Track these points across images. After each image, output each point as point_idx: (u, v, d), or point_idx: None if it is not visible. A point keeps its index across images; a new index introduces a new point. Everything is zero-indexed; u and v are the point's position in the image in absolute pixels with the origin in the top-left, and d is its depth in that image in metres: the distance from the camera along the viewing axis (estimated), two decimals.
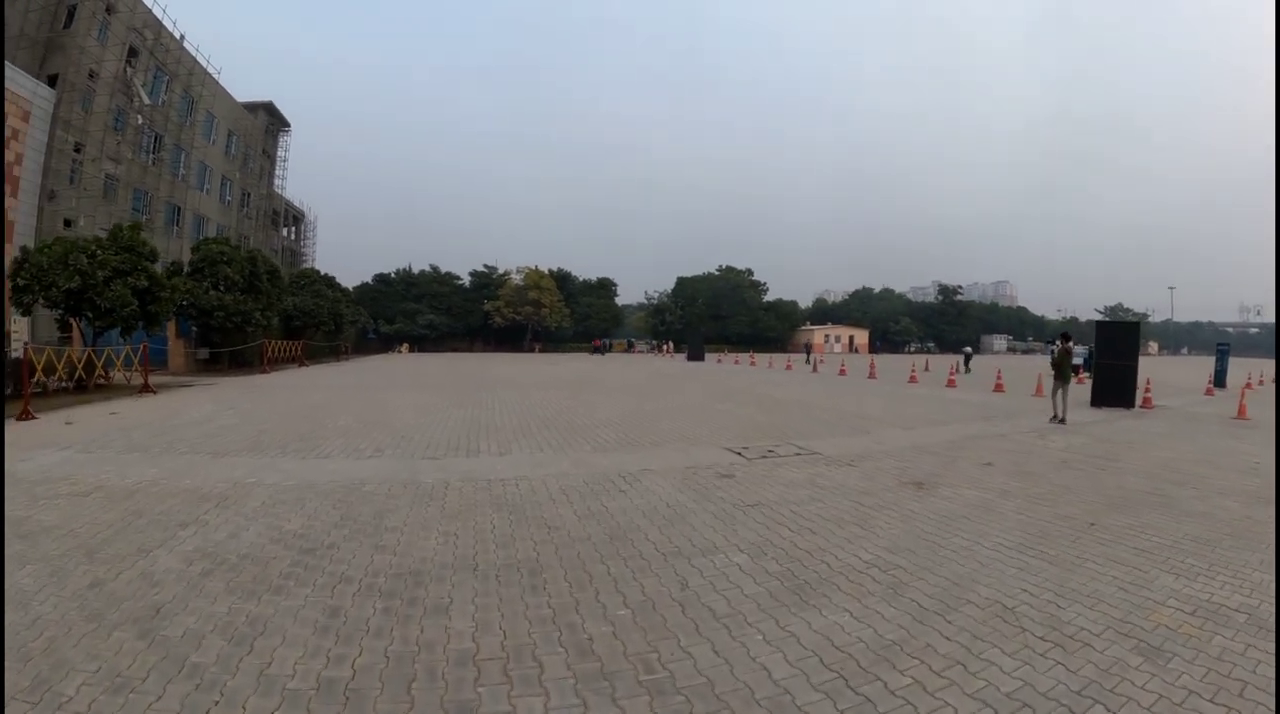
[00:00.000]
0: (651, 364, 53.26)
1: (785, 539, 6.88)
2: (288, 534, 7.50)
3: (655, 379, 33.26)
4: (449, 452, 12.36)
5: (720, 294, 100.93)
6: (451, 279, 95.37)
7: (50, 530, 7.52)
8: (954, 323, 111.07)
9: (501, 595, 5.55)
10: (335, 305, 48.51)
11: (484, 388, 27.23)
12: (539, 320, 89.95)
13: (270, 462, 11.39)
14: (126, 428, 14.67)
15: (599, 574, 5.96)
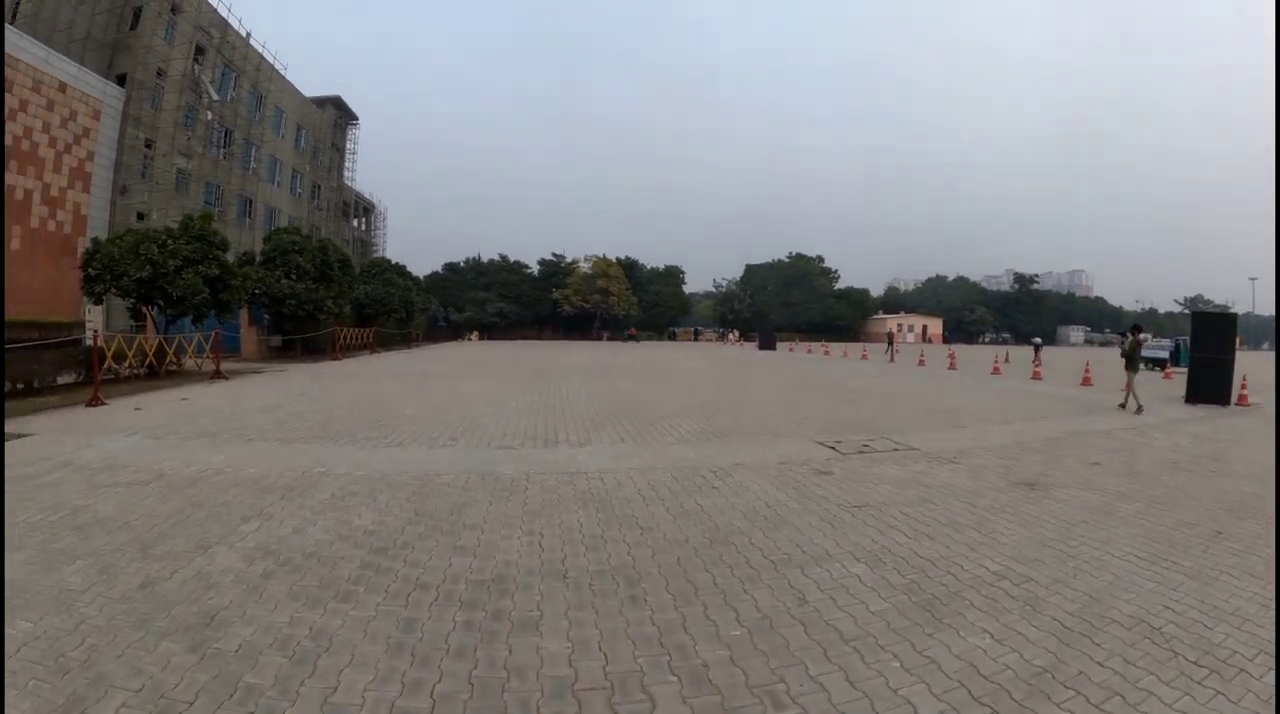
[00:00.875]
0: (720, 352, 52.21)
1: (902, 546, 6.28)
2: (357, 531, 6.93)
3: (728, 368, 32.36)
4: (525, 441, 11.81)
5: (790, 282, 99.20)
6: (520, 268, 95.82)
7: (105, 522, 7.10)
8: (1030, 313, 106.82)
9: (598, 609, 4.94)
10: (406, 293, 48.84)
11: (554, 375, 26.73)
12: (607, 308, 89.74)
13: (340, 450, 10.94)
14: (195, 414, 14.50)
15: (704, 585, 5.34)
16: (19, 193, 30.65)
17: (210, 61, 44.71)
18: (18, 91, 30.23)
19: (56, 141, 32.92)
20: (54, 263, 32.11)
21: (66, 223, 33.60)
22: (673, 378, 25.68)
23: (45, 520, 7.12)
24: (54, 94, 32.48)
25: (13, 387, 15.87)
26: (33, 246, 31.50)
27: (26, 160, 31.15)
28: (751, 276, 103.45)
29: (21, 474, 8.99)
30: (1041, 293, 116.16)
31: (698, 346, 67.39)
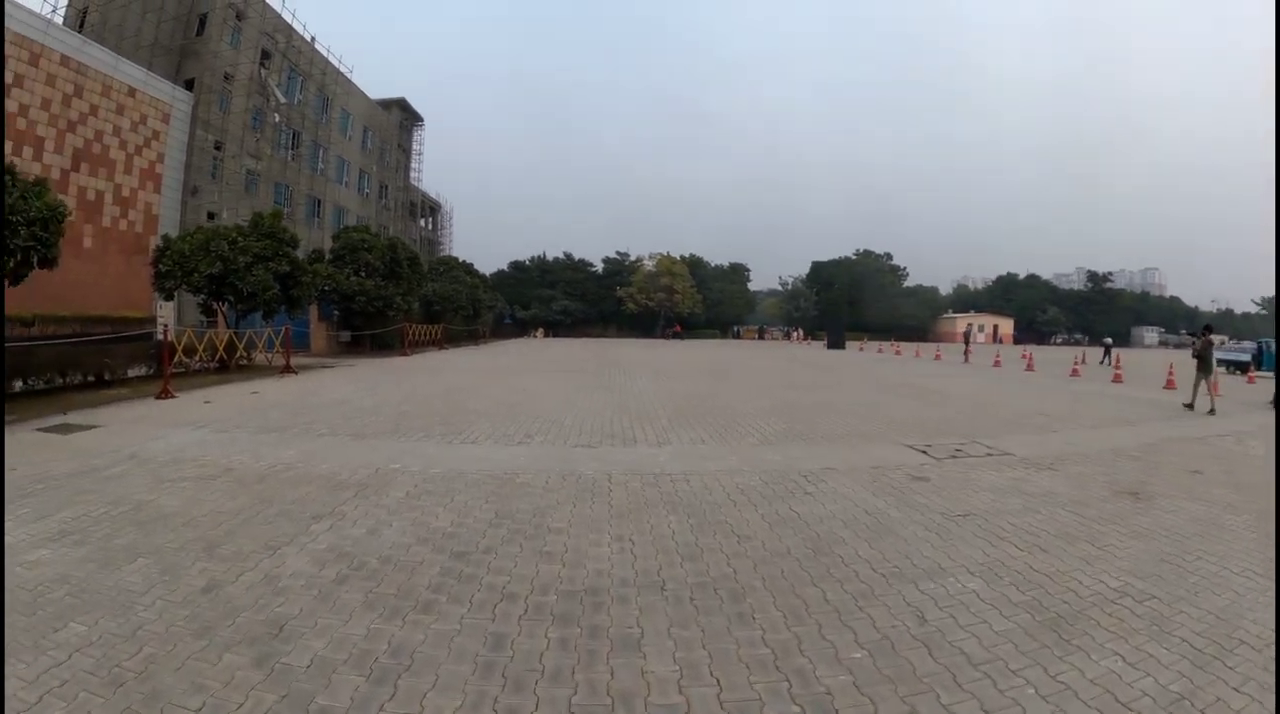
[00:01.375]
0: (787, 351, 51.06)
1: (1016, 559, 5.85)
2: (436, 533, 6.46)
3: (799, 367, 31.41)
4: (603, 439, 11.35)
5: (858, 280, 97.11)
6: (585, 266, 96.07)
7: (170, 518, 6.75)
8: (1103, 312, 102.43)
9: (703, 626, 4.50)
10: (473, 291, 49.14)
11: (624, 372, 26.27)
12: (671, 306, 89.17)
13: (413, 446, 10.56)
14: (264, 408, 14.36)
15: (814, 601, 4.92)
16: (90, 194, 31.64)
17: (276, 65, 45.59)
18: (87, 96, 31.19)
19: (127, 144, 33.87)
20: (125, 260, 32.90)
21: (138, 222, 34.46)
22: (744, 377, 24.97)
23: (108, 515, 6.81)
24: (123, 99, 33.44)
25: (84, 379, 16.06)
26: (104, 245, 32.36)
27: (98, 163, 32.08)
28: (818, 274, 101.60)
29: (87, 467, 8.77)
30: (1115, 292, 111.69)
31: (763, 345, 66.27)
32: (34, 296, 24.38)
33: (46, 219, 13.29)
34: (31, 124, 28.45)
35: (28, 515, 6.71)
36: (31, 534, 6.19)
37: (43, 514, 6.76)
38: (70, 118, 30.28)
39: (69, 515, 6.73)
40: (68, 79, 30.12)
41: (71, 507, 7.02)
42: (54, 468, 8.64)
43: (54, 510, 6.89)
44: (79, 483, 7.96)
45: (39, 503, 7.13)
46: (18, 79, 27.63)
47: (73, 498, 7.33)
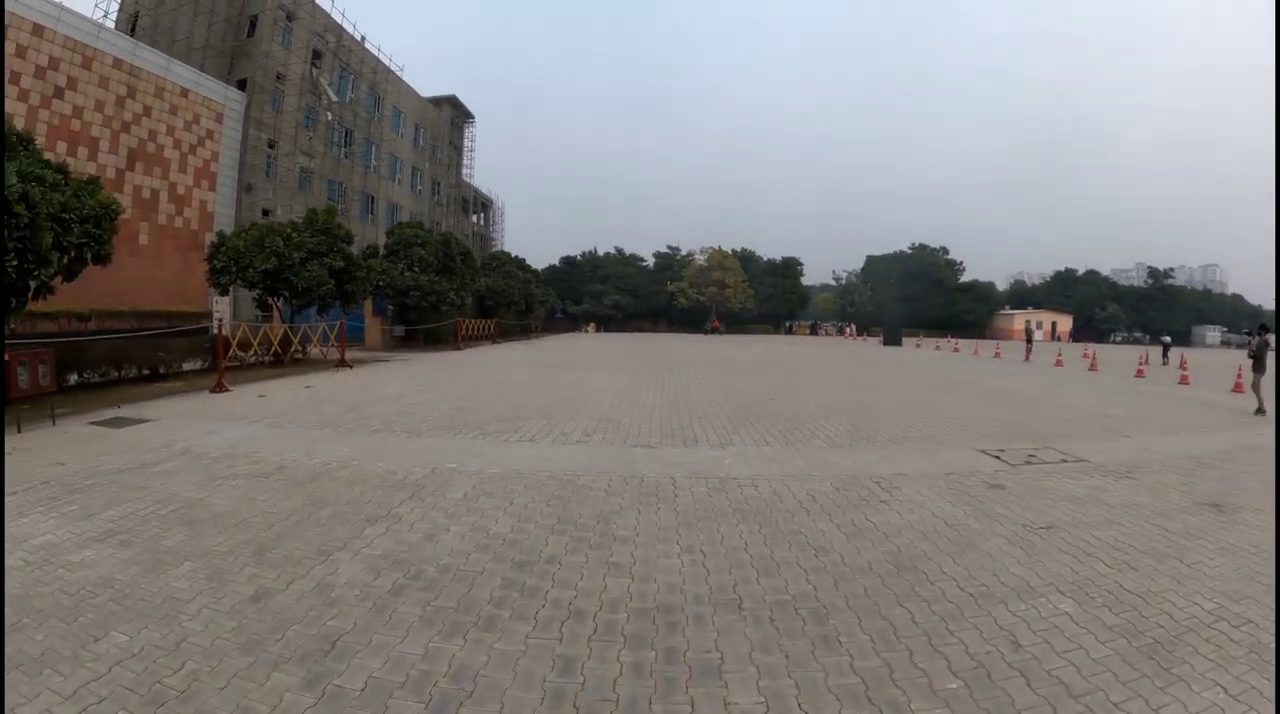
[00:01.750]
0: (842, 348, 49.82)
1: (1105, 577, 5.47)
2: (496, 539, 6.11)
3: (857, 365, 30.45)
4: (663, 439, 10.92)
5: (913, 275, 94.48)
6: (635, 261, 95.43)
7: (220, 518, 6.48)
8: (1164, 310, 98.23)
9: (787, 651, 4.16)
10: (526, 286, 49.13)
11: (678, 369, 25.73)
12: (723, 301, 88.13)
13: (470, 444, 10.25)
14: (319, 402, 14.23)
15: (902, 623, 4.56)
16: (146, 192, 32.26)
17: (328, 64, 46.08)
18: (140, 98, 31.76)
19: (181, 143, 34.44)
20: (181, 257, 33.49)
21: (193, 219, 35.03)
22: (802, 375, 24.24)
23: (156, 514, 6.57)
24: (176, 99, 34.00)
25: (138, 372, 16.13)
26: (160, 242, 32.95)
27: (153, 162, 32.67)
28: (872, 269, 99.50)
29: (137, 462, 8.61)
30: (1176, 289, 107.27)
31: (817, 342, 65.04)
32: (91, 292, 24.87)
33: (99, 216, 13.29)
34: (86, 125, 29.04)
35: (75, 513, 6.51)
36: (77, 533, 5.97)
37: (90, 512, 6.56)
38: (124, 118, 30.86)
39: (116, 514, 6.51)
40: (121, 81, 30.67)
41: (120, 504, 6.81)
42: (104, 463, 8.49)
43: (102, 508, 6.68)
44: (129, 479, 7.78)
45: (87, 500, 6.94)
46: (71, 82, 28.18)
47: (121, 495, 7.13)
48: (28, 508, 6.63)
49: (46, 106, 27.03)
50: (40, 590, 4.83)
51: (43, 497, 7.00)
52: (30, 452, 9.00)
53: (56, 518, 6.34)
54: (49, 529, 6.05)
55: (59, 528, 6.07)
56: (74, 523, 6.22)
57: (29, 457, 8.73)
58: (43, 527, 6.11)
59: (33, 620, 4.37)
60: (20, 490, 7.20)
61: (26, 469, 8.09)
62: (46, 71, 27.02)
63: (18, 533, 5.92)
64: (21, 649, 4.02)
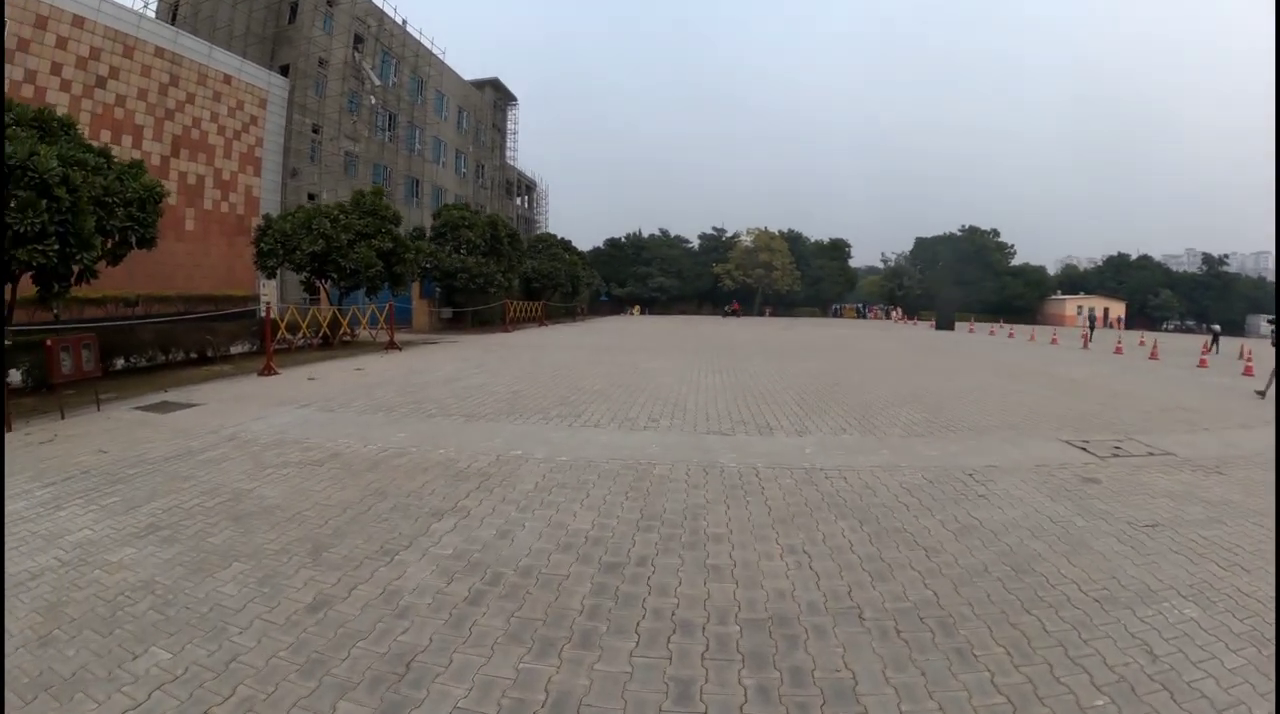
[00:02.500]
0: (894, 332, 47.91)
1: (1222, 580, 5.04)
2: (577, 537, 5.52)
3: (913, 350, 28.93)
4: (735, 426, 10.27)
5: (963, 257, 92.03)
6: (680, 242, 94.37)
7: (272, 512, 5.93)
8: (1219, 298, 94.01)
9: (922, 668, 3.71)
10: (572, 268, 48.56)
11: (733, 351, 24.96)
12: (769, 283, 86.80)
13: (533, 430, 9.67)
14: (371, 385, 13.73)
15: (1033, 632, 4.14)
16: (191, 178, 32.57)
17: (370, 49, 46.11)
18: (183, 85, 32.01)
19: (225, 129, 34.71)
20: (228, 241, 33.89)
21: (239, 204, 35.27)
22: (860, 359, 23.29)
23: (202, 506, 6.05)
24: (219, 86, 34.24)
25: (186, 356, 15.89)
26: (206, 227, 33.22)
27: (197, 148, 32.94)
28: (921, 251, 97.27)
29: (182, 449, 8.13)
30: (1231, 276, 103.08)
31: (866, 325, 63.39)
32: (138, 278, 25.14)
33: (144, 199, 12.99)
34: (129, 114, 29.32)
35: (116, 505, 6.01)
36: (117, 528, 5.47)
37: (132, 504, 6.05)
38: (167, 106, 31.12)
39: (160, 506, 6.00)
40: (163, 69, 30.86)
41: (164, 496, 6.31)
42: (149, 450, 8.03)
43: (144, 500, 6.18)
44: (174, 467, 7.29)
45: (129, 491, 6.45)
46: (113, 71, 28.40)
47: (166, 485, 6.63)
48: (66, 500, 6.16)
49: (89, 96, 27.32)
50: (75, 596, 4.33)
51: (83, 487, 6.53)
52: (73, 439, 8.59)
53: (96, 511, 5.85)
54: (87, 524, 5.56)
55: (98, 522, 5.58)
56: (114, 517, 5.72)
57: (71, 444, 8.31)
58: (81, 521, 5.62)
59: (66, 633, 3.87)
60: (59, 481, 6.74)
61: (68, 457, 7.67)
62: (88, 62, 27.24)
63: (54, 528, 5.45)
64: (52, 668, 3.52)
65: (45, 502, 6.08)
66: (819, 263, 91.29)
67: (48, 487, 6.52)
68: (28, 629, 3.90)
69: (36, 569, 4.68)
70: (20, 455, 7.74)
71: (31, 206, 9.53)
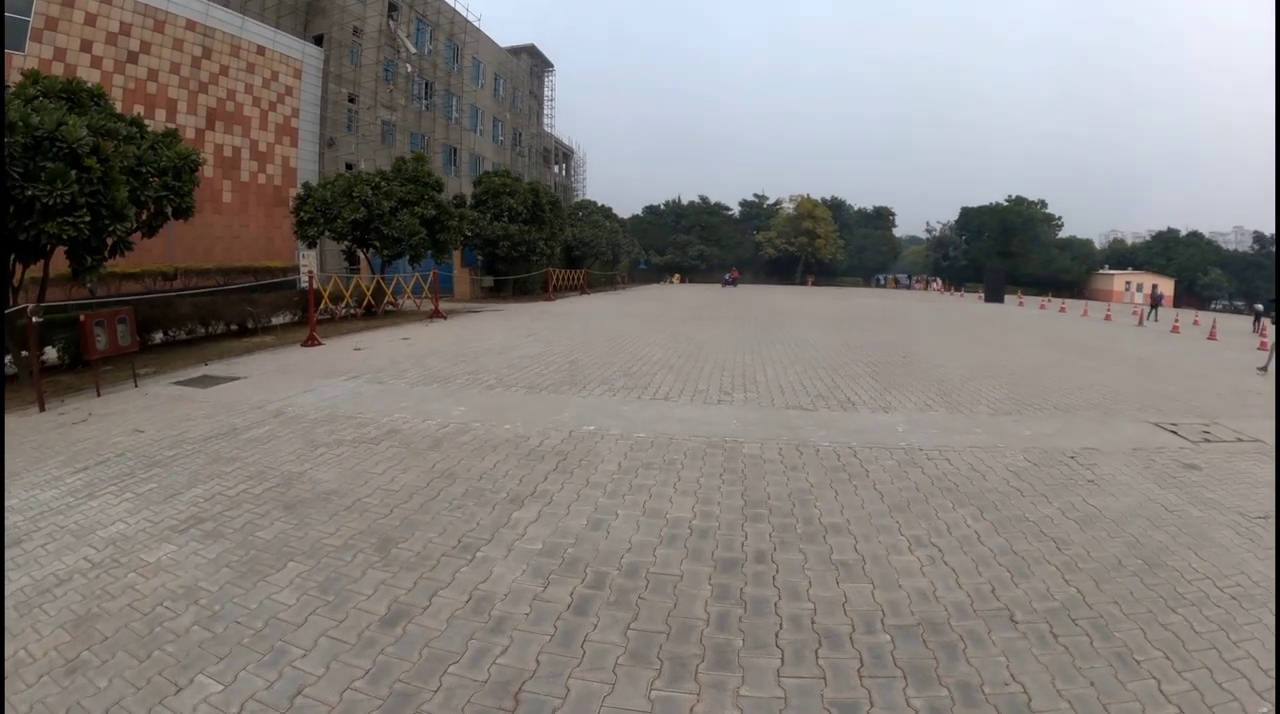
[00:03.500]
0: (942, 303, 45.85)
1: None
2: (680, 528, 4.83)
3: (969, 323, 27.08)
4: (814, 400, 9.57)
5: (1010, 228, 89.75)
6: (720, 209, 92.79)
7: (328, 499, 5.25)
8: (1270, 278, 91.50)
9: (1091, 678, 3.31)
10: (613, 236, 47.77)
11: (786, 320, 23.94)
12: (813, 252, 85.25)
13: (601, 403, 8.96)
14: (420, 355, 13.09)
15: (1184, 633, 3.78)
16: (227, 150, 32.15)
17: (404, 17, 45.45)
18: (216, 57, 31.50)
19: (260, 101, 34.17)
20: (266, 212, 33.50)
21: (276, 175, 34.86)
22: (919, 331, 22.08)
23: (249, 493, 5.38)
24: (253, 57, 33.73)
25: (226, 328, 15.44)
26: (244, 199, 32.86)
27: (232, 120, 32.44)
28: (968, 221, 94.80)
29: (226, 427, 7.49)
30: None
31: (912, 296, 61.30)
32: (176, 251, 24.92)
33: (179, 168, 12.41)
34: (162, 88, 28.89)
35: (154, 493, 5.37)
36: (155, 520, 4.83)
37: (171, 491, 5.41)
38: (201, 79, 30.66)
39: (202, 494, 5.35)
40: (195, 42, 30.39)
41: (206, 481, 5.67)
42: (189, 429, 7.41)
43: (185, 486, 5.54)
44: (217, 448, 6.65)
45: (168, 476, 5.81)
46: (144, 46, 27.93)
47: (208, 469, 5.99)
48: (99, 487, 5.54)
49: (120, 72, 26.97)
50: (107, 607, 3.70)
51: (117, 473, 5.91)
52: (108, 417, 8.02)
53: (131, 500, 5.22)
54: (121, 515, 4.92)
55: (134, 514, 4.94)
56: (151, 506, 5.08)
57: (106, 423, 7.74)
58: (114, 512, 4.99)
59: (97, 655, 3.25)
60: (93, 465, 6.13)
61: (103, 438, 7.08)
62: (118, 37, 26.79)
63: (84, 521, 4.82)
64: (80, 703, 2.90)
65: (76, 490, 5.48)
66: (862, 232, 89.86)
67: (79, 472, 5.92)
68: (53, 651, 3.29)
69: (64, 572, 4.06)
70: (52, 437, 7.18)
71: (61, 177, 8.91)
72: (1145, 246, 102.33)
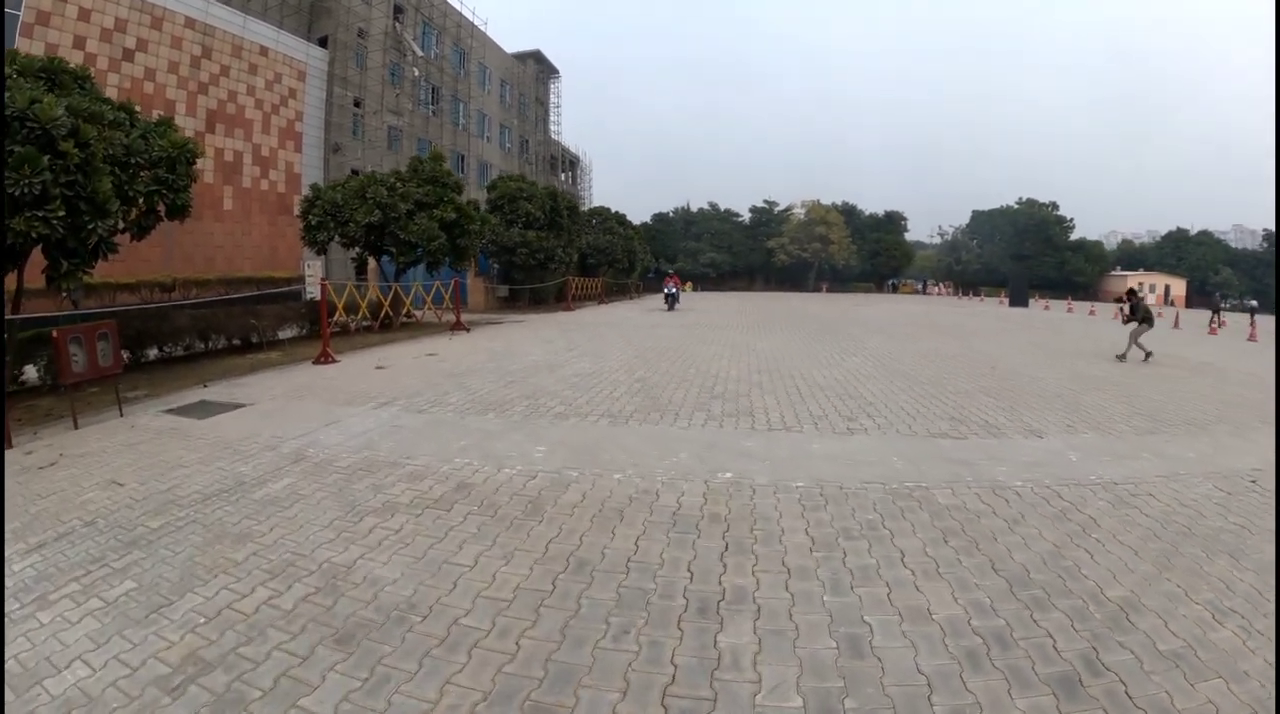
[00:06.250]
0: (969, 308, 43.55)
1: None
2: (962, 634, 3.21)
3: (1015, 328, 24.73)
4: (953, 425, 7.87)
5: (1022, 231, 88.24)
6: (731, 216, 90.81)
7: (403, 620, 3.45)
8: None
9: None
10: (628, 243, 45.84)
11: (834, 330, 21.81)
12: (826, 257, 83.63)
13: (714, 436, 7.10)
14: (456, 374, 11.22)
15: None
16: (228, 154, 30.74)
17: (410, 20, 44.31)
18: (216, 58, 30.27)
19: (263, 104, 32.87)
20: (269, 220, 32.09)
21: (279, 182, 33.48)
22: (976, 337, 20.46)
23: (275, 607, 3.55)
24: (255, 58, 32.47)
25: (228, 342, 13.68)
26: (246, 206, 31.40)
27: (234, 123, 31.11)
28: (979, 224, 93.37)
29: (231, 479, 5.61)
30: None
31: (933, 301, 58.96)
32: (175, 260, 23.30)
33: (173, 159, 10.61)
34: (160, 87, 27.61)
35: (132, 603, 3.54)
36: (130, 664, 3.03)
37: (156, 599, 3.57)
38: (200, 79, 29.37)
39: (203, 608, 3.50)
40: (194, 41, 29.11)
41: (207, 580, 3.80)
42: (182, 481, 5.53)
43: (176, 589, 3.69)
44: (219, 515, 4.78)
45: (153, 567, 3.96)
46: (141, 44, 26.74)
47: (210, 555, 4.12)
48: (54, 583, 3.77)
49: (115, 70, 25.69)
50: None
51: (82, 557, 4.07)
52: (82, 460, 6.17)
53: (98, 616, 3.39)
54: (80, 649, 3.12)
55: (99, 648, 3.12)
56: (127, 633, 3.25)
57: (78, 469, 5.90)
58: (71, 643, 3.19)
59: None
60: (50, 540, 4.34)
61: (70, 493, 5.25)
62: (113, 34, 25.58)
63: (25, 663, 2.98)
64: None
65: (22, 588, 3.68)
66: (874, 236, 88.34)
67: (31, 554, 4.11)
68: None
69: None
70: (10, 489, 5.36)
71: (30, 162, 7.14)
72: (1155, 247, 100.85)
